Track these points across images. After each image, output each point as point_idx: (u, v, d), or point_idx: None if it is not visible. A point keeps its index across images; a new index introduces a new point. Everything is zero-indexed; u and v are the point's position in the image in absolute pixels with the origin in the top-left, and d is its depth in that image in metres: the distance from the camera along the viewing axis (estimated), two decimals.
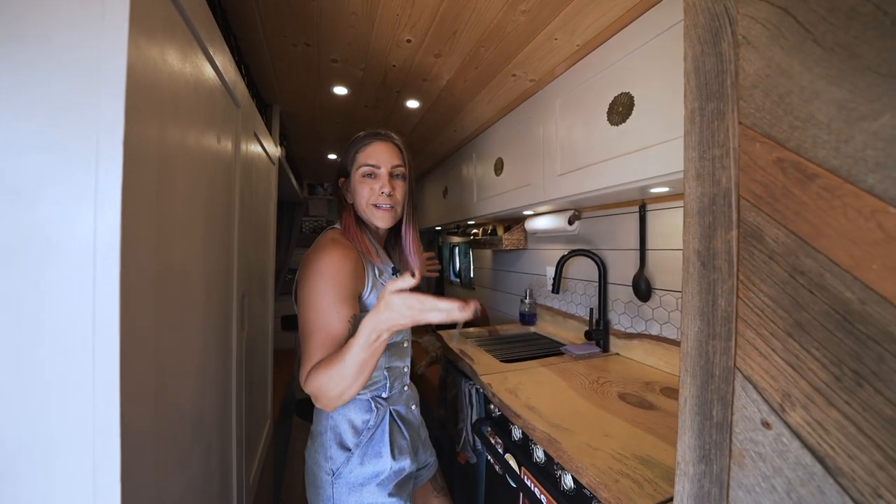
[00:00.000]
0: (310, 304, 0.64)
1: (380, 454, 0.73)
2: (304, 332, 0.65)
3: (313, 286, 0.65)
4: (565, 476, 0.69)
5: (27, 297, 0.32)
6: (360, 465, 0.71)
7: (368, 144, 0.76)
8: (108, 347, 0.33)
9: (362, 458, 0.72)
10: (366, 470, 0.71)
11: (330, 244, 0.68)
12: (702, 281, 0.43)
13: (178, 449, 0.50)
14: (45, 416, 0.33)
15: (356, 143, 0.77)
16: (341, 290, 0.65)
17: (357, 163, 0.76)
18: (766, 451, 0.36)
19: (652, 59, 0.78)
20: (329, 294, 0.64)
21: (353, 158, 0.76)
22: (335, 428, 0.74)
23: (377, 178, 0.75)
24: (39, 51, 0.32)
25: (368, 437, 0.73)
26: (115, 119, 0.33)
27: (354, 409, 0.74)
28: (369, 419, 0.74)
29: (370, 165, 0.74)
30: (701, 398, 0.43)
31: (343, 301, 0.65)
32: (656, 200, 1.11)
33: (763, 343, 0.36)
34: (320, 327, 0.64)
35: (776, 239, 0.36)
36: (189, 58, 0.50)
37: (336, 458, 0.72)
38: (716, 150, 0.42)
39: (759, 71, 0.37)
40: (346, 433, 0.73)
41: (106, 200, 0.33)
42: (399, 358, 0.81)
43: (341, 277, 0.65)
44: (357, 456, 0.72)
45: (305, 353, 0.64)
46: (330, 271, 0.65)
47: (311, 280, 0.65)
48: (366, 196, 0.75)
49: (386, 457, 0.72)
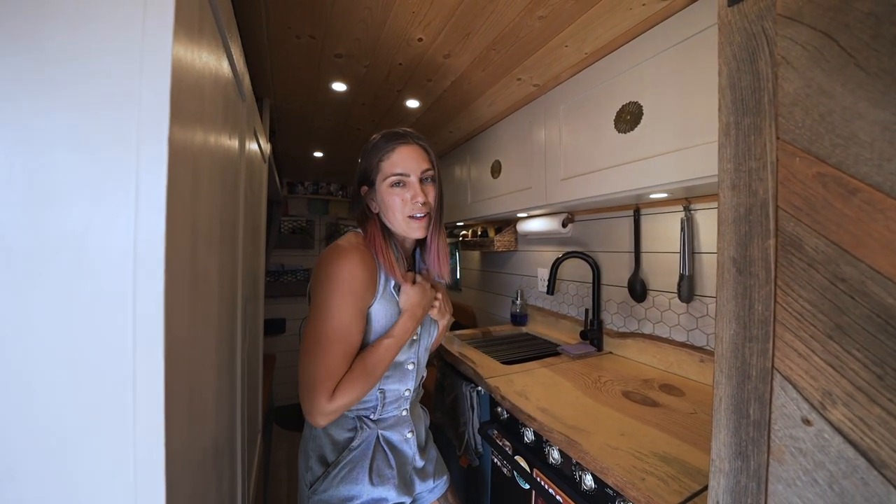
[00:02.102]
0: (330, 314, 0.61)
1: (356, 479, 0.68)
2: (322, 341, 0.60)
3: (333, 294, 0.61)
4: (585, 476, 0.71)
5: (56, 317, 0.28)
6: (334, 484, 0.67)
7: (393, 151, 0.69)
8: (150, 375, 0.29)
9: (337, 478, 0.67)
10: (340, 491, 0.67)
11: (351, 251, 0.64)
12: (737, 286, 0.45)
13: (203, 480, 0.46)
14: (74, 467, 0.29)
15: (379, 150, 0.70)
16: (360, 301, 0.64)
17: (383, 172, 0.70)
18: (806, 447, 0.38)
19: (663, 69, 0.81)
20: (350, 305, 0.62)
21: (377, 167, 0.70)
22: (317, 439, 0.70)
23: (407, 187, 0.69)
24: (72, 39, 0.29)
25: (348, 458, 0.68)
26: (160, 116, 0.30)
27: (336, 424, 0.70)
28: (352, 438, 0.70)
29: (399, 175, 0.69)
30: (737, 398, 0.45)
31: (362, 312, 0.64)
32: (650, 205, 1.16)
33: (802, 345, 0.39)
34: (341, 339, 0.61)
35: (816, 248, 0.38)
36: (213, 48, 0.47)
37: (315, 469, 0.69)
38: (752, 162, 0.44)
39: (798, 90, 0.39)
40: (326, 448, 0.70)
41: (149, 205, 0.30)
42: (398, 380, 0.75)
43: (358, 287, 0.63)
44: (332, 475, 0.67)
45: (325, 365, 0.59)
46: (350, 280, 0.62)
47: (331, 287, 0.62)
48: (398, 208, 0.69)
49: (363, 483, 0.68)
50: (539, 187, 1.25)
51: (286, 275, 3.04)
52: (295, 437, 2.57)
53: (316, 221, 3.18)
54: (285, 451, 2.39)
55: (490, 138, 1.56)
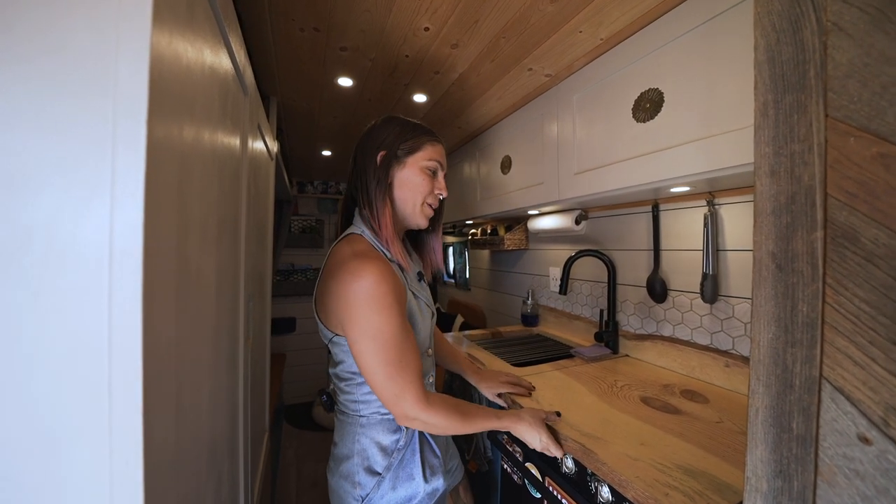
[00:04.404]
0: (382, 332, 0.60)
1: (412, 476, 0.68)
2: (387, 359, 0.60)
3: (379, 314, 0.59)
4: (602, 487, 0.66)
5: (23, 314, 0.26)
6: (391, 489, 0.67)
7: (438, 142, 0.74)
8: (128, 375, 0.27)
9: (394, 483, 0.67)
10: (398, 494, 0.67)
11: (369, 265, 0.60)
12: (777, 285, 0.40)
13: (196, 485, 0.44)
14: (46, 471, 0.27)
15: (424, 132, 0.72)
16: (400, 306, 0.63)
17: (426, 153, 0.71)
18: (864, 469, 0.33)
19: (686, 53, 0.76)
20: (396, 315, 0.61)
21: (420, 145, 0.71)
22: (362, 452, 0.68)
23: (436, 179, 0.73)
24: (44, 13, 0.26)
25: (399, 459, 0.68)
26: (138, 98, 0.28)
27: (381, 429, 0.69)
28: (399, 439, 0.69)
29: (437, 162, 0.72)
30: (777, 409, 0.40)
31: (404, 314, 0.65)
32: (670, 200, 1.10)
33: (859, 352, 0.34)
34: (401, 346, 0.61)
35: (875, 240, 0.33)
36: (208, 37, 0.45)
37: (365, 483, 0.67)
38: (795, 145, 0.39)
39: (854, 60, 0.34)
40: (375, 456, 0.68)
41: (125, 192, 0.27)
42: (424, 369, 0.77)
43: (394, 296, 0.62)
44: (388, 480, 0.67)
45: (402, 375, 0.61)
46: (385, 293, 0.60)
47: (371, 308, 0.59)
48: (424, 191, 0.71)
49: (418, 479, 0.68)
50: (551, 182, 1.20)
51: (296, 274, 3.06)
52: (305, 436, 2.57)
53: (326, 221, 3.18)
54: (295, 450, 2.40)
55: (499, 133, 1.52)
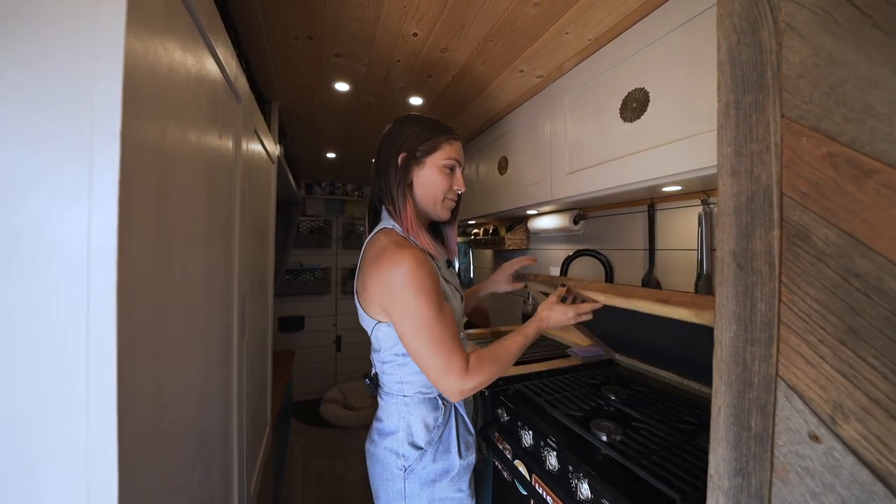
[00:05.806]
0: (422, 314, 0.64)
1: (449, 450, 0.75)
2: (428, 337, 0.65)
3: (417, 297, 0.64)
4: (581, 485, 0.67)
5: (14, 306, 0.29)
6: (432, 461, 0.73)
7: (455, 139, 0.77)
8: (103, 362, 0.30)
9: (434, 455, 0.74)
10: (437, 466, 0.74)
11: (406, 252, 0.65)
12: (738, 283, 0.40)
13: (179, 471, 0.46)
14: (31, 441, 0.30)
15: (443, 131, 0.76)
16: (436, 288, 0.67)
17: (444, 152, 0.75)
18: (814, 466, 0.34)
19: (670, 52, 0.76)
20: (433, 296, 0.65)
21: (437, 145, 0.74)
22: (407, 428, 0.74)
23: (455, 176, 0.77)
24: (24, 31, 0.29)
25: (438, 436, 0.75)
26: (112, 109, 0.30)
27: (425, 408, 0.75)
28: (438, 416, 0.75)
29: (456, 160, 0.76)
30: (737, 407, 0.40)
31: (441, 296, 0.68)
32: (665, 200, 1.09)
33: (810, 350, 0.34)
34: (441, 325, 0.65)
35: (826, 239, 0.33)
36: (191, 48, 0.47)
37: (409, 455, 0.73)
38: (754, 145, 0.39)
39: (805, 60, 0.35)
40: (419, 432, 0.74)
41: (101, 197, 0.30)
42: None
43: (430, 280, 0.66)
44: (430, 453, 0.73)
45: (443, 353, 0.65)
46: (423, 277, 0.65)
47: (411, 292, 0.64)
48: (444, 188, 0.76)
49: (454, 453, 0.75)
50: (545, 182, 1.20)
51: (305, 273, 3.12)
52: (312, 432, 2.63)
53: (333, 221, 3.24)
54: (302, 445, 2.46)
55: (496, 134, 1.52)
